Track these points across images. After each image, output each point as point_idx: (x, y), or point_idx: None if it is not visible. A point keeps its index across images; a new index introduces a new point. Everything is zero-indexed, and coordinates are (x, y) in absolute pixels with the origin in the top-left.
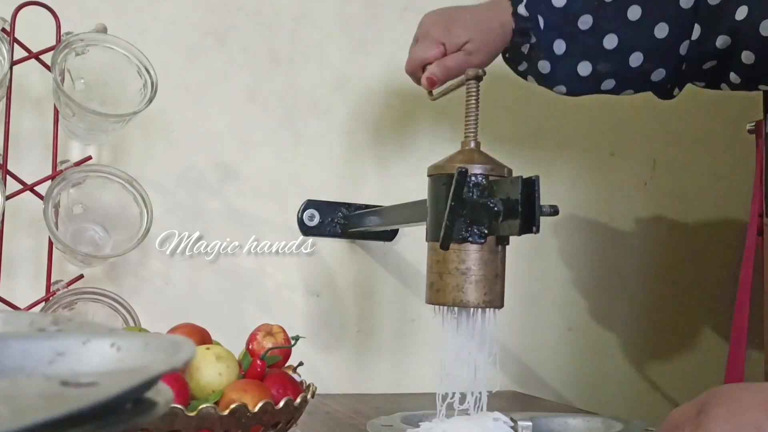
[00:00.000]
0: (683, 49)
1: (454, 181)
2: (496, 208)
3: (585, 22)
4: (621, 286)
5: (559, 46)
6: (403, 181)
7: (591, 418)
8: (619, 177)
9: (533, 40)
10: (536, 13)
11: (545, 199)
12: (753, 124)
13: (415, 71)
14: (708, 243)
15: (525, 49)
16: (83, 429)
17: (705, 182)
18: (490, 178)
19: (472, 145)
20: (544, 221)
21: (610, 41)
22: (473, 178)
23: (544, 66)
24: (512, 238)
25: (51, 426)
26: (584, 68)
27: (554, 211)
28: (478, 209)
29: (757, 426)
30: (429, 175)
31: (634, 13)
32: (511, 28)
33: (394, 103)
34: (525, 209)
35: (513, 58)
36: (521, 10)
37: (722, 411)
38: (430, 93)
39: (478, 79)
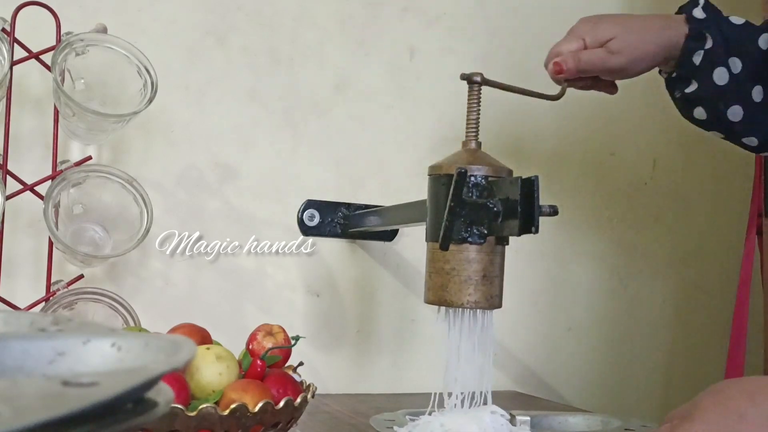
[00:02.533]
0: None
1: (453, 182)
2: (495, 209)
3: (766, 41)
4: (621, 286)
5: (735, 65)
6: (403, 181)
7: (590, 416)
8: (619, 177)
9: (709, 44)
10: (717, 18)
11: (545, 199)
12: None
13: (548, 64)
14: (708, 243)
15: (697, 58)
16: (83, 429)
17: (705, 182)
18: (490, 178)
19: (473, 145)
20: (544, 221)
21: None
22: (473, 179)
23: (720, 76)
24: (512, 239)
25: (51, 426)
26: (758, 92)
27: (554, 211)
28: (477, 209)
29: (740, 413)
30: (429, 175)
31: None
32: (677, 34)
33: (394, 103)
34: (524, 209)
35: (681, 75)
36: (697, 12)
37: (710, 401)
38: (559, 90)
39: (479, 82)
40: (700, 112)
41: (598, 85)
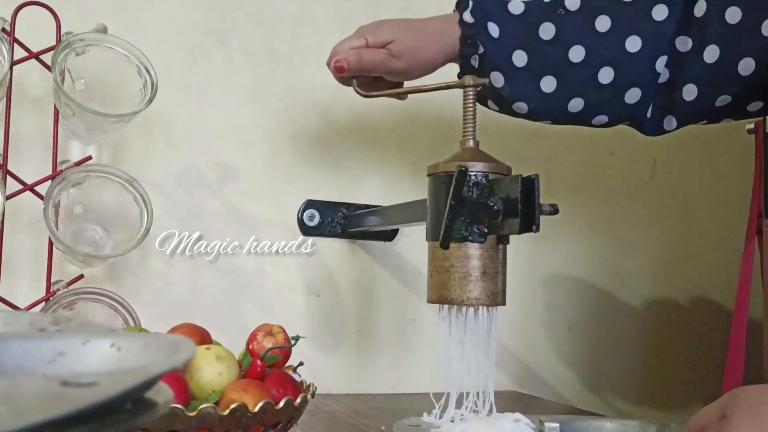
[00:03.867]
0: (660, 65)
1: (453, 180)
2: (496, 207)
3: (546, 31)
4: (621, 286)
5: (520, 58)
6: (403, 181)
7: (627, 421)
8: (619, 177)
9: (481, 50)
10: (486, 20)
11: (545, 199)
12: (752, 124)
13: (330, 61)
14: (708, 243)
15: (474, 61)
16: (83, 429)
17: (705, 182)
18: (490, 176)
19: (471, 144)
20: (544, 220)
21: (576, 53)
22: (473, 177)
23: (496, 79)
24: (512, 238)
25: (51, 426)
26: (548, 84)
27: (554, 210)
28: (477, 208)
29: None
30: (429, 175)
31: (602, 23)
32: (454, 39)
33: (394, 103)
34: (525, 208)
35: (465, 75)
36: (466, 16)
37: (744, 417)
38: (354, 88)
39: (475, 87)
40: (491, 105)
41: (385, 86)
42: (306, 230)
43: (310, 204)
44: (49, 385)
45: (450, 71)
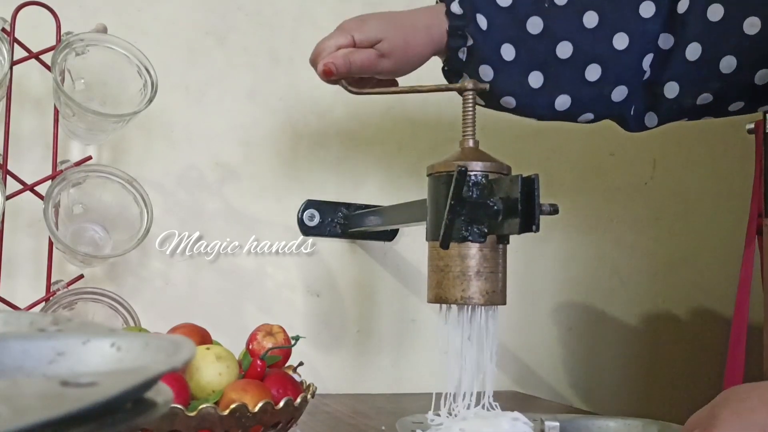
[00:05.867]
0: (646, 63)
1: (453, 180)
2: (496, 207)
3: (534, 25)
4: (621, 286)
5: (508, 52)
6: (403, 181)
7: (630, 420)
8: (619, 177)
9: (470, 42)
10: (474, 11)
11: (545, 199)
12: (752, 124)
13: (316, 60)
14: (708, 243)
15: (462, 54)
16: (83, 429)
17: (705, 182)
18: (490, 176)
19: (471, 143)
20: (544, 221)
21: (564, 50)
22: (473, 177)
23: (485, 72)
24: (512, 238)
25: (51, 426)
26: (536, 79)
27: (554, 209)
28: (477, 208)
29: (763, 426)
30: (428, 175)
31: (590, 19)
32: (441, 32)
33: (393, 103)
34: (525, 208)
35: (452, 70)
36: (454, 7)
37: (729, 413)
38: (342, 86)
39: (475, 90)
40: (478, 100)
41: (372, 83)
42: (306, 230)
43: (310, 204)
44: (49, 385)
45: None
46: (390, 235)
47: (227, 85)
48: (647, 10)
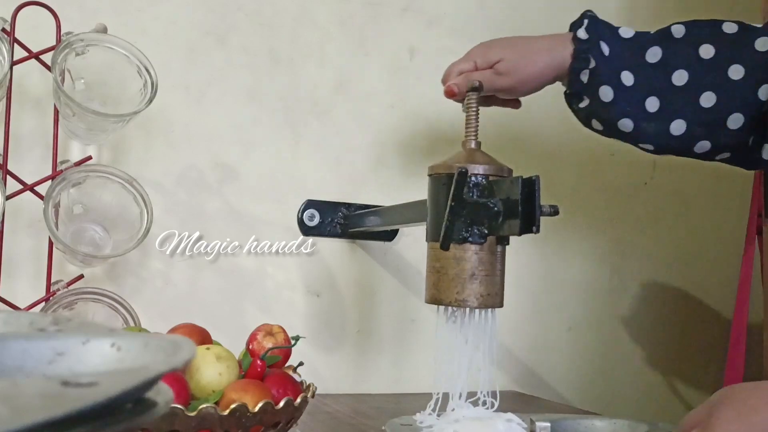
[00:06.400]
0: (762, 93)
1: (454, 181)
2: (496, 208)
3: (654, 55)
4: (621, 286)
5: (627, 78)
6: (403, 181)
7: (616, 420)
8: (619, 177)
9: (593, 64)
10: (598, 38)
11: (545, 199)
12: None
13: (444, 81)
14: (708, 243)
15: (584, 76)
16: (83, 429)
17: (705, 182)
18: (490, 178)
19: (473, 145)
20: (544, 220)
21: (680, 77)
22: (473, 178)
23: (605, 93)
24: (512, 238)
25: (51, 426)
26: (652, 104)
27: (554, 211)
28: (478, 209)
29: (765, 427)
30: (429, 175)
31: (706, 51)
32: (564, 56)
33: (394, 103)
34: (525, 209)
35: (573, 92)
36: (581, 33)
37: (730, 413)
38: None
39: (476, 90)
40: (596, 124)
41: (498, 101)
42: (306, 230)
43: (310, 204)
44: (49, 385)
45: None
46: (390, 235)
47: (227, 85)
48: (764, 44)
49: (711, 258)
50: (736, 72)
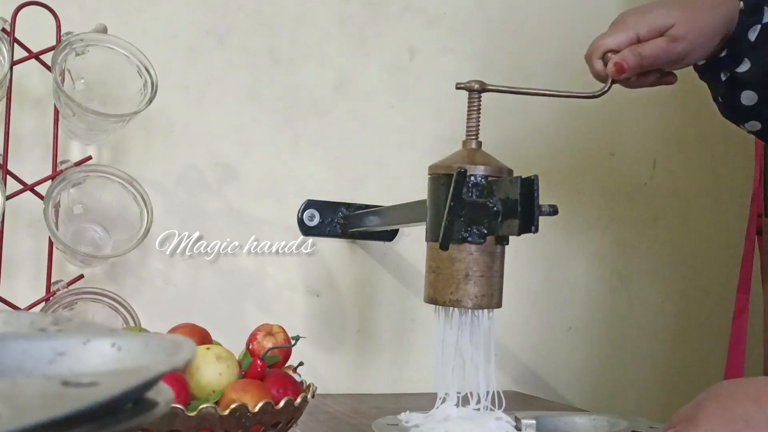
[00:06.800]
0: None
1: (453, 181)
2: (495, 208)
3: None
4: (621, 286)
5: None
6: (403, 181)
7: (596, 416)
8: (619, 177)
9: (766, 19)
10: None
11: (544, 200)
12: None
13: (591, 59)
14: (708, 243)
15: (752, 34)
16: (83, 429)
17: (705, 182)
18: (490, 178)
19: (473, 145)
20: (544, 221)
21: None
22: (472, 178)
23: None
24: (512, 238)
25: (51, 426)
26: None
27: (553, 210)
28: (477, 209)
29: (746, 418)
30: (429, 175)
31: None
32: (730, 11)
33: (393, 103)
34: (524, 209)
35: (731, 54)
36: None
37: (714, 405)
38: (604, 87)
39: (480, 91)
40: (749, 96)
41: (654, 77)
42: (306, 230)
43: (310, 204)
44: (50, 385)
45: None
46: (390, 235)
47: (227, 85)
48: None
49: (711, 258)
50: None
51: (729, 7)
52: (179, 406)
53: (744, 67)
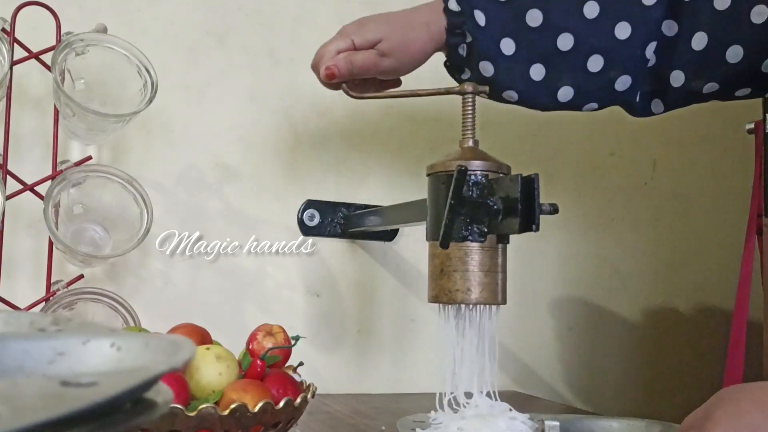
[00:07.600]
0: (649, 51)
1: (453, 180)
2: (495, 207)
3: (534, 18)
4: (621, 286)
5: (508, 46)
6: (403, 181)
7: (633, 422)
8: (619, 177)
9: (469, 39)
10: (472, 8)
11: (545, 199)
12: (752, 124)
13: (317, 65)
14: (708, 243)
15: (462, 50)
16: (83, 429)
17: (705, 182)
18: (490, 176)
19: (470, 143)
20: (544, 220)
21: (565, 41)
22: (473, 177)
23: (485, 68)
24: (512, 237)
25: (51, 426)
26: (537, 71)
27: (554, 209)
28: (477, 208)
29: (754, 428)
30: (428, 175)
31: (590, 10)
32: (440, 29)
33: (393, 103)
34: (525, 207)
35: (454, 65)
36: (452, 4)
37: (721, 414)
38: (344, 90)
39: (474, 94)
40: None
41: (376, 84)
42: (306, 230)
43: (310, 204)
44: (49, 385)
45: (445, 73)
46: (390, 235)
47: (227, 85)
48: None
49: (711, 258)
50: (623, 30)
51: (438, 26)
52: (179, 406)
53: (466, 75)
